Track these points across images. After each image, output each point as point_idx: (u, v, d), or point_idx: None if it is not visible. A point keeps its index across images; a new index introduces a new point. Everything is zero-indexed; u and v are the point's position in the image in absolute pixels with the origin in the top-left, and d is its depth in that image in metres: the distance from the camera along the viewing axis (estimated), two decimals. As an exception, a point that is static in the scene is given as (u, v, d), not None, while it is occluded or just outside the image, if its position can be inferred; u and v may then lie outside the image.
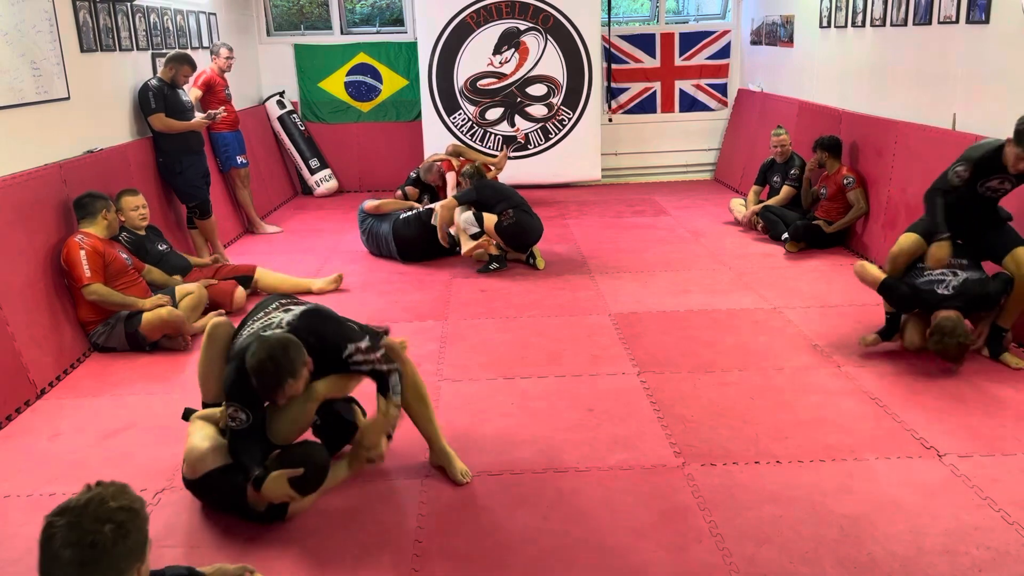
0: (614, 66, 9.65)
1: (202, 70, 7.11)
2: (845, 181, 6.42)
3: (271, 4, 9.66)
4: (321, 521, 3.09)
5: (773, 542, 2.86)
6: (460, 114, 9.07)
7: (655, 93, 9.81)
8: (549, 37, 8.89)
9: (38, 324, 4.41)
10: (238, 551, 2.90)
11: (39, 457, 3.64)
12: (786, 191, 7.01)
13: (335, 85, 9.66)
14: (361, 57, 9.60)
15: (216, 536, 3.02)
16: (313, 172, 9.44)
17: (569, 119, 9.08)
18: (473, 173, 6.66)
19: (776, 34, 8.58)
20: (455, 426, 3.74)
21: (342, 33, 9.70)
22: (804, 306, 5.26)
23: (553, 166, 9.17)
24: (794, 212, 6.88)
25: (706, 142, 9.95)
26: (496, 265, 6.23)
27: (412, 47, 9.34)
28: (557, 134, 9.12)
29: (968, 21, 5.17)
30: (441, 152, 8.01)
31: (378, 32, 9.89)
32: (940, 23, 5.48)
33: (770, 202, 7.07)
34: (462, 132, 9.08)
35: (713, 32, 9.72)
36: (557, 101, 9.03)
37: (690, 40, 9.70)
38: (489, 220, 6.21)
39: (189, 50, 7.03)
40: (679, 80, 9.79)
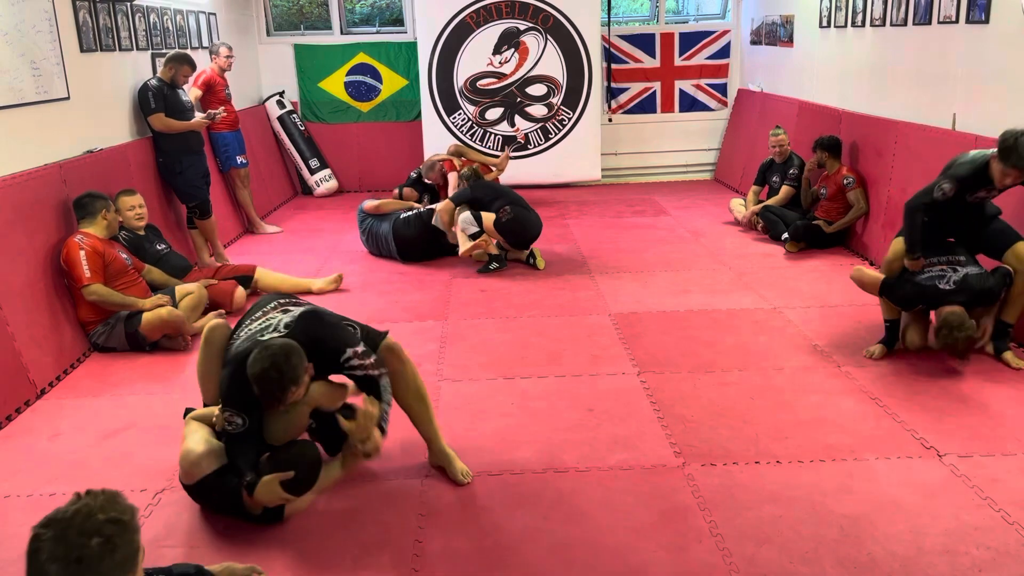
0: (614, 66, 9.65)
1: (202, 70, 7.11)
2: (845, 181, 6.42)
3: (271, 4, 9.66)
4: (321, 521, 3.09)
5: (773, 542, 2.86)
6: (460, 114, 9.07)
7: (655, 93, 9.81)
8: (549, 37, 8.89)
9: (38, 324, 4.41)
10: (238, 551, 2.90)
11: (39, 457, 3.64)
12: (785, 191, 7.02)
13: (335, 85, 9.66)
14: (361, 57, 9.60)
15: (216, 536, 3.02)
16: (313, 172, 9.44)
17: (569, 119, 9.07)
18: (470, 175, 6.67)
19: (776, 34, 8.58)
20: (455, 426, 3.74)
21: (342, 33, 9.70)
22: (804, 306, 5.26)
23: (553, 166, 9.17)
24: (794, 212, 6.89)
25: (706, 142, 9.95)
26: (496, 265, 6.23)
27: (412, 47, 9.34)
28: (557, 134, 9.12)
29: (968, 21, 5.17)
30: (443, 152, 8.01)
31: (378, 32, 9.89)
32: (940, 23, 5.49)
33: (769, 202, 7.08)
34: (462, 132, 9.07)
35: (713, 32, 9.72)
36: (557, 101, 9.03)
37: (690, 40, 9.70)
38: (487, 218, 6.22)
39: (189, 50, 7.03)
40: (679, 80, 9.79)
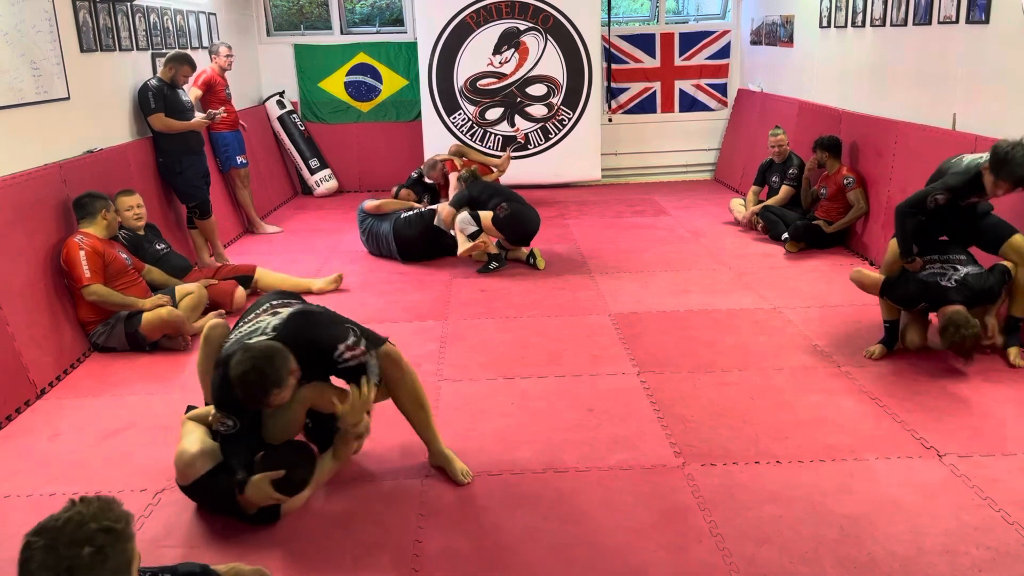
0: (614, 66, 9.65)
1: (202, 70, 7.11)
2: (845, 181, 6.42)
3: (271, 4, 9.66)
4: (321, 522, 3.09)
5: (773, 542, 2.86)
6: (460, 114, 9.07)
7: (655, 93, 9.81)
8: (549, 37, 8.88)
9: (38, 324, 4.41)
10: (238, 551, 2.90)
11: (39, 457, 3.64)
12: (785, 191, 7.01)
13: (335, 85, 9.66)
14: (361, 57, 9.60)
15: (216, 536, 3.02)
16: (313, 172, 9.44)
17: (569, 119, 9.07)
18: (468, 176, 6.68)
19: (776, 34, 8.58)
20: (455, 426, 3.74)
21: (342, 33, 9.70)
22: (804, 306, 5.26)
23: (553, 166, 9.17)
24: (794, 212, 6.89)
25: (706, 142, 9.94)
26: (496, 264, 6.23)
27: (412, 47, 9.34)
28: (557, 134, 9.12)
29: (968, 21, 5.17)
30: (443, 152, 8.01)
31: (378, 32, 9.89)
32: (940, 23, 5.48)
33: (769, 202, 7.08)
34: (462, 132, 9.07)
35: (713, 32, 9.72)
36: (557, 101, 9.03)
37: (690, 40, 9.70)
38: (485, 216, 6.21)
39: (189, 50, 7.03)
40: (679, 80, 9.79)
